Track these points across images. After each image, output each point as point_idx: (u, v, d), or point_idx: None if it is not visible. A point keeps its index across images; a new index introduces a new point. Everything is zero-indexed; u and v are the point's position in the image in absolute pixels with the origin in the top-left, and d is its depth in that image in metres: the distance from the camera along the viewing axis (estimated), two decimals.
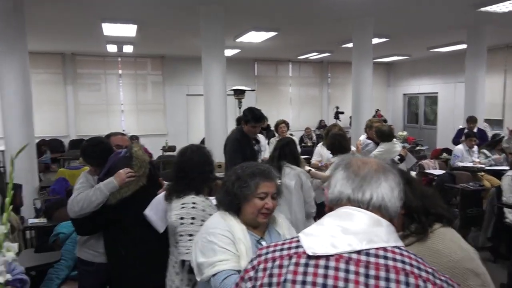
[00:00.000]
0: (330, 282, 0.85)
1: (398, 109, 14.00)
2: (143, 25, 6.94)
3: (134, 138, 7.88)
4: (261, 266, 0.93)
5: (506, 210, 4.08)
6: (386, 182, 0.98)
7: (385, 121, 11.71)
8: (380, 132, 4.57)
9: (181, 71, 11.46)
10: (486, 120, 8.56)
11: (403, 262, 0.88)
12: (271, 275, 0.90)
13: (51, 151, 9.62)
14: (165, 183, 2.56)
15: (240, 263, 1.55)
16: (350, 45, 7.81)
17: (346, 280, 0.84)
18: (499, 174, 4.97)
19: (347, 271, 0.86)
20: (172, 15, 6.47)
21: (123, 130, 10.89)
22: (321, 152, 4.75)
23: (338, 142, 3.91)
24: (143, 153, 2.39)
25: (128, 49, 9.54)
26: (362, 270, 0.85)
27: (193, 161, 2.10)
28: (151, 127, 11.18)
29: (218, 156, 6.30)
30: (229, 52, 10.02)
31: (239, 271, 1.50)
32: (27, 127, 5.38)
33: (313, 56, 11.38)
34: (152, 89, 11.62)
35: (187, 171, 2.06)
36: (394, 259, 0.88)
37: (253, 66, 12.45)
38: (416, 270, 0.87)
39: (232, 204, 1.68)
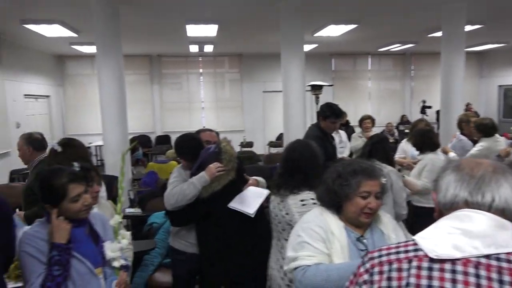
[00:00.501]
0: (460, 287, 0.81)
1: (492, 102, 12.71)
2: (224, 25, 7.15)
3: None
4: (376, 269, 0.91)
5: None
6: (507, 183, 0.92)
7: (477, 115, 10.73)
8: (482, 126, 4.10)
9: (258, 68, 11.64)
10: None
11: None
12: (389, 279, 0.88)
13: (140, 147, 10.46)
14: (250, 178, 2.61)
15: (333, 260, 1.53)
16: (438, 34, 7.25)
17: (478, 286, 0.80)
18: None
19: (477, 276, 0.81)
20: (252, 12, 6.57)
21: (204, 127, 11.41)
22: (405, 148, 4.51)
23: (428, 138, 3.67)
24: (231, 148, 2.46)
25: (208, 48, 9.93)
26: (494, 275, 0.81)
27: (305, 156, 2.11)
28: (230, 124, 11.53)
29: None
30: (306, 47, 9.90)
31: None
32: (122, 124, 5.86)
33: (395, 48, 10.79)
34: (230, 87, 11.97)
35: (301, 166, 2.08)
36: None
37: (330, 60, 12.18)
38: None
39: (333, 202, 1.65)
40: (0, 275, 1.54)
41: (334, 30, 7.89)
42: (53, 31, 6.98)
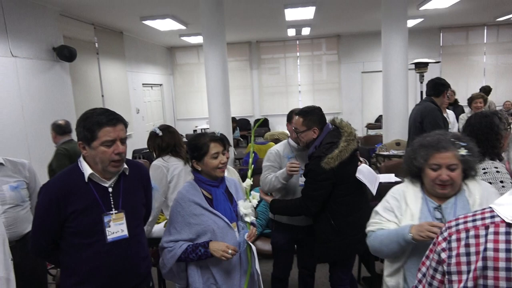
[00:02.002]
0: None
1: None
2: (322, 6, 7.11)
3: None
4: (454, 237, 0.94)
5: None
6: None
7: None
8: None
9: (357, 48, 11.30)
10: None
11: None
12: (467, 245, 0.90)
13: (240, 129, 11.09)
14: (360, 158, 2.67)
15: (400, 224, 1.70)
16: None
17: None
18: None
19: None
20: None
21: None
22: None
23: None
24: (346, 123, 2.52)
25: (305, 31, 9.95)
26: None
27: (482, 125, 2.11)
28: (327, 106, 11.45)
29: (397, 133, 6.07)
30: (410, 23, 9.31)
31: None
32: (225, 108, 6.31)
33: None
34: (327, 69, 11.84)
35: (480, 136, 2.06)
36: None
37: (438, 35, 11.21)
38: None
39: (414, 173, 1.75)
40: (142, 226, 1.91)
41: (442, 1, 7.26)
42: (166, 25, 7.74)
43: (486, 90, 7.78)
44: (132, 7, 6.42)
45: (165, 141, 2.85)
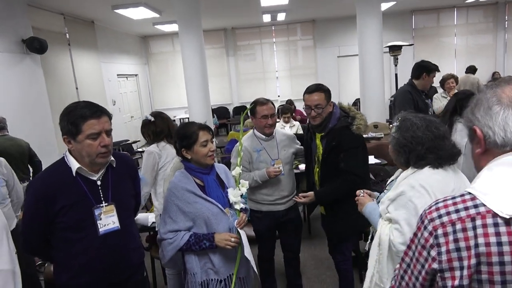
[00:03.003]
0: None
1: None
2: None
3: (289, 102, 8.31)
4: (440, 231, 0.87)
5: None
6: None
7: None
8: None
9: (332, 33, 11.37)
10: None
11: None
12: (456, 240, 0.85)
13: (218, 117, 11.04)
14: None
15: None
16: None
17: None
18: None
19: None
20: None
21: (278, 96, 11.60)
22: None
23: None
24: (357, 110, 2.62)
25: (281, 17, 9.92)
26: None
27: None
28: (303, 92, 11.54)
29: (375, 117, 6.21)
30: (383, 6, 9.41)
31: None
32: (205, 97, 6.29)
33: None
34: (303, 54, 11.89)
35: None
36: None
37: (410, 18, 11.42)
38: None
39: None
40: (132, 218, 1.93)
41: None
42: (139, 13, 7.56)
43: (472, 70, 8.15)
44: None
45: (159, 126, 2.85)
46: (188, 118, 7.23)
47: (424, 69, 3.69)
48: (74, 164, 1.67)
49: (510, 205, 0.81)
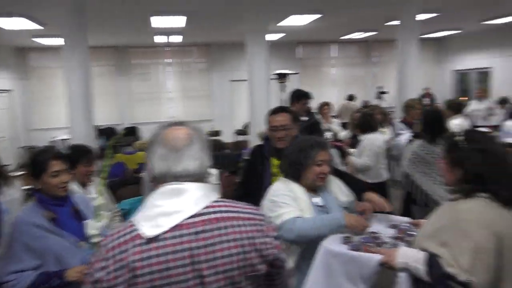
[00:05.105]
0: (168, 250, 1.03)
1: (447, 86, 13.40)
2: (193, 16, 7.19)
3: (180, 124, 8.28)
4: (110, 254, 1.03)
5: None
6: (199, 150, 1.13)
7: (432, 99, 11.33)
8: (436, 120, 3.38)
9: (226, 58, 11.76)
10: None
11: (220, 212, 1.09)
12: (120, 260, 1.01)
13: (107, 139, 10.40)
14: None
15: (303, 215, 1.90)
16: (395, 22, 7.63)
17: (181, 243, 1.03)
18: None
19: (181, 236, 1.04)
20: (219, 3, 6.62)
21: (172, 117, 11.48)
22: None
23: (368, 120, 4.09)
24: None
25: (176, 39, 9.95)
26: (192, 230, 1.04)
27: None
28: (198, 113, 11.64)
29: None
30: (273, 37, 10.10)
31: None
32: (88, 117, 5.91)
33: (357, 35, 11.17)
34: (198, 76, 12.05)
35: None
36: (215, 212, 1.08)
37: (296, 49, 12.45)
38: (228, 214, 1.10)
39: (295, 172, 2.01)
40: None
41: (299, 20, 8.12)
42: (14, 24, 6.85)
43: (351, 98, 10.28)
44: None
45: None
46: (68, 139, 6.69)
47: (293, 97, 4.04)
48: None
49: (150, 229, 1.03)
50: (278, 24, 8.43)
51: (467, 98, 9.96)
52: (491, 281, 1.37)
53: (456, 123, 4.40)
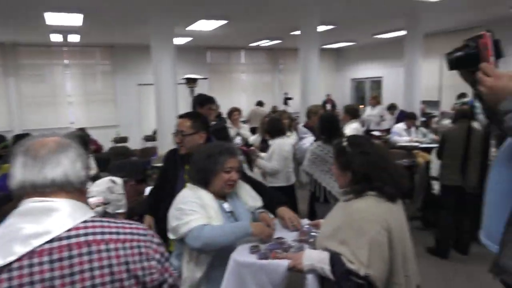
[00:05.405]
0: (25, 280, 0.89)
1: (346, 93, 14.59)
2: (90, 14, 6.75)
3: (80, 130, 7.68)
4: None
5: (433, 182, 4.53)
6: (67, 158, 1.01)
7: (334, 105, 12.24)
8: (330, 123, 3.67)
9: (132, 60, 11.23)
10: (424, 102, 9.22)
11: (86, 234, 0.95)
12: None
13: None
14: None
15: (211, 222, 1.85)
16: (298, 32, 8.07)
17: (41, 272, 0.90)
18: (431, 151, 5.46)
19: (40, 264, 0.90)
20: (120, 2, 6.32)
21: (72, 123, 10.60)
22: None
23: (276, 125, 4.25)
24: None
25: (74, 38, 9.21)
26: (54, 257, 0.91)
27: None
28: (102, 119, 10.93)
29: (171, 144, 6.37)
30: (180, 41, 9.96)
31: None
32: None
33: (265, 43, 11.56)
34: (102, 79, 11.31)
35: None
36: (78, 235, 0.94)
37: (205, 54, 12.43)
38: (99, 237, 0.96)
39: (203, 178, 1.94)
40: None
41: (206, 25, 8.12)
42: None
43: (260, 104, 10.58)
44: None
45: None
46: None
47: (196, 102, 4.00)
48: None
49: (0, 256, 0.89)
50: (187, 29, 8.33)
51: (363, 106, 10.93)
52: (387, 273, 1.51)
53: (353, 127, 4.79)
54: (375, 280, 1.46)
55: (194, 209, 1.86)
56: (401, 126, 6.58)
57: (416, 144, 6.03)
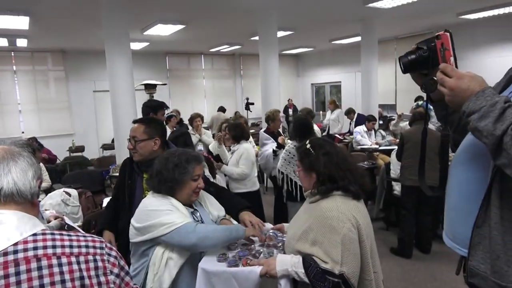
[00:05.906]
0: None
1: (307, 98, 14.83)
2: (37, 17, 6.39)
3: (33, 140, 7.20)
4: None
5: (393, 183, 4.65)
6: (16, 166, 0.96)
7: (295, 109, 12.37)
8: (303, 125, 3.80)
9: (86, 66, 10.77)
10: (381, 106, 9.52)
11: (35, 248, 0.89)
12: None
13: None
14: None
15: None
16: (257, 38, 8.07)
17: None
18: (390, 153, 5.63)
19: None
20: (69, 4, 6.00)
21: (22, 132, 9.99)
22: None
23: (241, 130, 4.20)
24: None
25: (21, 42, 8.69)
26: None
27: None
28: (56, 127, 10.38)
29: (127, 153, 6.14)
30: (137, 45, 9.70)
31: None
32: None
33: (225, 48, 11.49)
34: (55, 86, 10.75)
35: None
36: (26, 250, 0.88)
37: (164, 59, 12.18)
38: (50, 250, 0.90)
39: (170, 188, 1.84)
40: None
41: (163, 29, 7.93)
42: None
43: (222, 109, 10.51)
44: None
45: None
46: None
47: (149, 108, 3.89)
48: None
49: None
50: (144, 33, 8.10)
51: (325, 112, 11.16)
52: (359, 269, 1.52)
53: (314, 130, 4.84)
54: (350, 277, 1.47)
55: (171, 209, 1.78)
56: (362, 128, 6.76)
57: (376, 146, 6.19)
